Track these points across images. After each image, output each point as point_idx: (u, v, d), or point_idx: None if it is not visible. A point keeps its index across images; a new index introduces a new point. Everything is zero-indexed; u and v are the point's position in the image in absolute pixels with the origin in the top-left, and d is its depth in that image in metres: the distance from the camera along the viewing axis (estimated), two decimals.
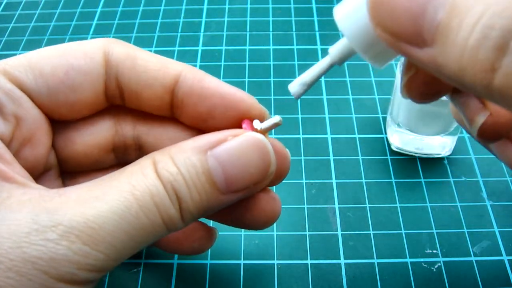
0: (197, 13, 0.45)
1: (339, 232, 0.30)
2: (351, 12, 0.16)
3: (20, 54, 0.19)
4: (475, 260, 0.28)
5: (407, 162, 0.33)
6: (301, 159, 0.33)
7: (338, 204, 0.31)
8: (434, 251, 0.29)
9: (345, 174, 0.33)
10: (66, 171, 0.22)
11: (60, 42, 0.20)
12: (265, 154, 0.18)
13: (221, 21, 0.44)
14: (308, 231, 0.30)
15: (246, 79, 0.39)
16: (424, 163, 0.33)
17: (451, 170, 0.33)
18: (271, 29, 0.44)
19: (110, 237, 0.15)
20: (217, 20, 0.45)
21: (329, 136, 0.35)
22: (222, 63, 0.40)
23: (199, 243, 0.24)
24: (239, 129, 0.18)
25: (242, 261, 0.28)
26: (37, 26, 0.45)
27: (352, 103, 0.37)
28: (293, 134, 0.35)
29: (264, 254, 0.29)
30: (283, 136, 0.35)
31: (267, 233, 0.30)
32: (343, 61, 0.17)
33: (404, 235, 0.29)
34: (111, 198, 0.15)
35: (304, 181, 0.32)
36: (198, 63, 0.40)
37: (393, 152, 0.34)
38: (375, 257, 0.28)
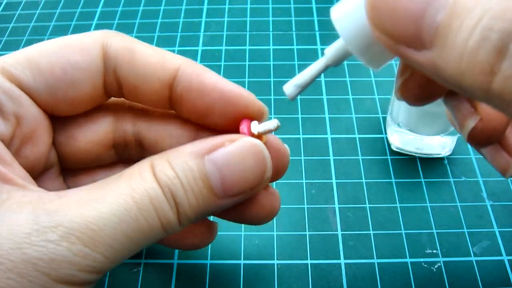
0: (197, 13, 0.45)
1: (339, 232, 0.30)
2: (348, 12, 0.15)
3: (17, 51, 0.19)
4: (475, 260, 0.28)
5: (407, 162, 0.33)
6: (301, 159, 0.33)
7: (338, 204, 0.31)
8: (434, 251, 0.29)
9: (345, 174, 0.33)
10: (67, 168, 0.22)
11: None
12: (262, 160, 0.18)
13: (221, 21, 0.44)
14: (308, 231, 0.30)
15: (246, 79, 0.39)
16: (424, 163, 0.33)
17: (451, 170, 0.33)
18: (271, 29, 0.44)
19: (110, 239, 0.15)
20: (217, 20, 0.45)
21: (329, 136, 0.35)
22: (222, 63, 0.40)
23: (201, 238, 0.24)
24: (236, 134, 0.19)
25: (242, 261, 0.28)
26: (37, 26, 0.45)
27: (352, 103, 0.37)
28: (293, 134, 0.35)
29: (264, 254, 0.29)
30: (283, 136, 0.35)
31: (267, 233, 0.30)
32: (338, 63, 0.17)
33: (404, 235, 0.29)
34: (111, 200, 0.15)
35: (304, 181, 0.32)
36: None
37: (393, 152, 0.34)
38: (375, 257, 0.28)
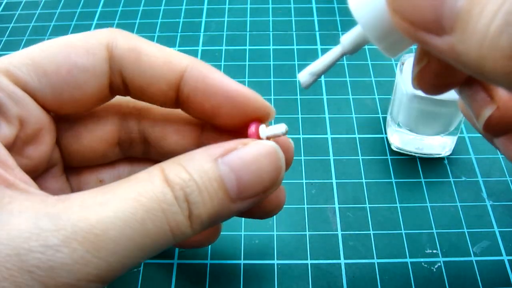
0: (197, 13, 0.45)
1: (339, 232, 0.30)
2: None
3: (21, 50, 0.18)
4: (475, 260, 0.28)
5: (407, 162, 0.33)
6: (301, 159, 0.33)
7: (338, 204, 0.31)
8: (434, 251, 0.29)
9: (345, 174, 0.33)
10: (72, 166, 0.22)
11: None
12: (276, 161, 0.18)
13: (221, 21, 0.44)
14: (308, 231, 0.30)
15: (246, 79, 0.39)
16: (424, 163, 0.33)
17: (451, 170, 0.33)
18: (271, 29, 0.44)
19: (114, 244, 0.14)
20: (217, 20, 0.45)
21: (329, 136, 0.35)
22: (222, 63, 0.40)
23: (206, 236, 0.24)
24: (247, 138, 0.19)
25: (242, 261, 0.28)
26: (37, 26, 0.45)
27: (352, 103, 0.37)
28: (293, 134, 0.35)
29: (264, 254, 0.29)
30: None
31: (267, 233, 0.30)
32: (355, 51, 0.17)
33: (404, 235, 0.29)
34: (116, 204, 0.15)
35: (304, 181, 0.32)
36: None
37: (393, 152, 0.34)
38: (375, 257, 0.28)
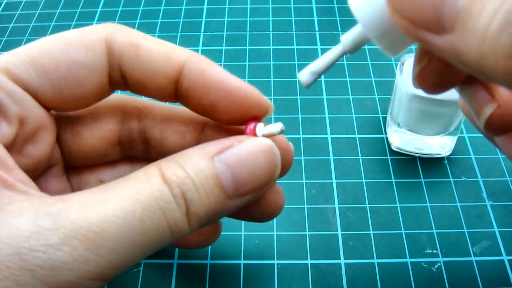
0: (197, 13, 0.45)
1: (339, 232, 0.30)
2: None
3: (20, 48, 0.18)
4: (475, 260, 0.28)
5: (407, 162, 0.33)
6: (301, 159, 0.33)
7: (338, 204, 0.31)
8: (434, 251, 0.29)
9: (345, 174, 0.33)
10: (72, 165, 0.22)
11: None
12: (272, 157, 0.18)
13: (221, 21, 0.44)
14: (308, 231, 0.30)
15: (246, 79, 0.39)
16: (424, 163, 0.33)
17: (451, 170, 0.33)
18: (271, 29, 0.44)
19: (113, 242, 0.15)
20: (217, 20, 0.45)
21: (329, 136, 0.35)
22: (222, 63, 0.40)
23: (206, 236, 0.24)
24: (243, 135, 0.19)
25: (242, 261, 0.28)
26: (37, 26, 0.45)
27: (352, 103, 0.37)
28: (293, 134, 0.35)
29: (264, 254, 0.29)
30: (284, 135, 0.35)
31: (267, 233, 0.30)
32: (355, 50, 0.17)
33: (404, 235, 0.29)
34: (115, 202, 0.15)
35: (304, 181, 0.32)
36: None
37: (393, 152, 0.34)
38: (375, 257, 0.28)
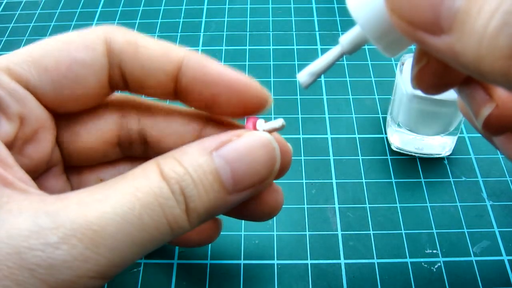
0: (197, 13, 0.45)
1: (339, 232, 0.30)
2: None
3: (21, 49, 0.19)
4: (475, 260, 0.28)
5: (407, 162, 0.33)
6: (301, 159, 0.33)
7: (338, 204, 0.31)
8: (434, 251, 0.29)
9: (345, 174, 0.33)
10: (72, 165, 0.22)
11: None
12: (271, 151, 0.18)
13: (221, 21, 0.44)
14: (308, 231, 0.30)
15: None
16: (424, 163, 0.33)
17: (451, 170, 0.33)
18: (271, 29, 0.44)
19: (113, 239, 0.15)
20: (217, 20, 0.45)
21: (329, 136, 0.35)
22: (222, 63, 0.40)
23: (207, 234, 0.24)
24: (241, 130, 0.19)
25: (242, 261, 0.28)
26: (37, 26, 0.45)
27: (352, 103, 0.37)
28: (293, 134, 0.35)
29: (264, 254, 0.29)
30: (283, 136, 0.35)
31: (267, 233, 0.30)
32: (354, 51, 0.17)
33: (404, 235, 0.29)
34: (114, 200, 0.15)
35: (304, 181, 0.32)
36: None
37: (393, 152, 0.34)
38: (375, 257, 0.28)
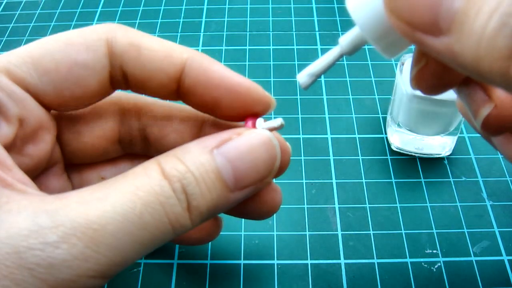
0: (197, 13, 0.45)
1: (339, 232, 0.30)
2: (364, 0, 0.15)
3: (20, 48, 0.18)
4: (475, 260, 0.28)
5: (407, 162, 0.33)
6: (301, 159, 0.33)
7: (338, 204, 0.31)
8: (434, 251, 0.29)
9: (345, 174, 0.33)
10: (73, 163, 0.22)
11: None
12: (271, 149, 0.18)
13: (221, 21, 0.44)
14: (308, 231, 0.30)
15: None
16: (424, 163, 0.33)
17: (451, 170, 0.33)
18: (271, 29, 0.44)
19: (113, 238, 0.15)
20: (217, 20, 0.45)
21: (329, 136, 0.35)
22: (222, 63, 0.40)
23: (207, 231, 0.24)
24: (241, 128, 0.19)
25: (242, 261, 0.28)
26: (37, 26, 0.45)
27: (352, 103, 0.37)
28: (293, 134, 0.35)
29: (264, 254, 0.29)
30: (283, 136, 0.35)
31: (267, 233, 0.30)
32: (353, 51, 0.17)
33: (404, 235, 0.29)
34: (114, 199, 0.15)
35: (304, 181, 0.32)
36: None
37: (393, 152, 0.34)
38: (375, 257, 0.28)
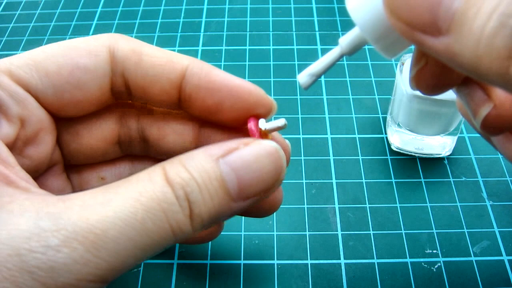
0: (197, 13, 0.45)
1: (339, 232, 0.30)
2: (364, 0, 0.15)
3: (23, 52, 0.19)
4: (475, 260, 0.28)
5: (407, 162, 0.33)
6: (301, 159, 0.33)
7: (338, 204, 0.31)
8: (434, 251, 0.29)
9: (345, 174, 0.33)
10: (72, 164, 0.22)
11: None
12: (278, 161, 0.18)
13: (221, 21, 0.44)
14: (308, 231, 0.30)
15: (246, 79, 0.39)
16: (424, 163, 0.33)
17: (451, 170, 0.33)
18: (271, 29, 0.44)
19: (114, 243, 0.15)
20: (217, 20, 0.45)
21: (329, 136, 0.35)
22: (222, 63, 0.40)
23: (208, 231, 0.24)
24: (249, 138, 0.19)
25: (242, 261, 0.28)
26: (37, 26, 0.45)
27: (352, 103, 0.37)
28: (293, 134, 0.35)
29: (264, 254, 0.29)
30: (284, 136, 0.35)
31: (267, 233, 0.30)
32: (353, 52, 0.17)
33: (404, 235, 0.29)
34: (117, 204, 0.15)
35: (304, 181, 0.32)
36: None
37: (393, 152, 0.34)
38: (375, 257, 0.28)
